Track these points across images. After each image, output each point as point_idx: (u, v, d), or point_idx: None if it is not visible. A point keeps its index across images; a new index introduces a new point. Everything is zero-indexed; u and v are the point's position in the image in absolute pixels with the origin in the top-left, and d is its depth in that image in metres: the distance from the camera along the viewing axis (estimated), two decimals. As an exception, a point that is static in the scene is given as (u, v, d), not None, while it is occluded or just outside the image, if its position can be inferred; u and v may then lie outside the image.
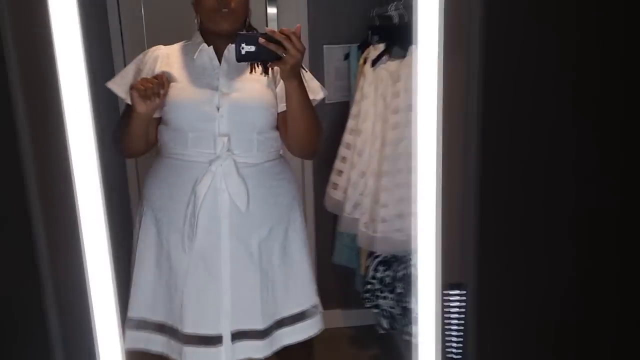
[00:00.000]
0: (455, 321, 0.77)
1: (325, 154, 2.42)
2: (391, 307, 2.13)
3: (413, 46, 1.87)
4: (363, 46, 2.13)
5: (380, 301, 2.11)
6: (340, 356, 2.41)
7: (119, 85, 1.50)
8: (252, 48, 1.28)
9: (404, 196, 1.86)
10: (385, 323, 2.15)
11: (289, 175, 1.59)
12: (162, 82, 1.42)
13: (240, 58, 1.30)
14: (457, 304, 0.76)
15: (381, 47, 1.96)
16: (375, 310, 2.19)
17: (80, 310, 0.83)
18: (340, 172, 2.09)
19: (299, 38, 1.29)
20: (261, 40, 1.27)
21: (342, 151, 2.09)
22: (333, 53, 2.34)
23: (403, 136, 1.83)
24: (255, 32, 1.32)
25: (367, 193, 1.96)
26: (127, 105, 1.48)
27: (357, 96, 2.02)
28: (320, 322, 1.60)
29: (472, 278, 0.77)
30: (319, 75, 2.36)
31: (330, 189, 2.14)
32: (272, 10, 2.34)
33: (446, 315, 0.75)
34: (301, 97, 1.40)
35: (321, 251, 2.54)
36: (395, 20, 1.93)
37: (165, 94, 1.43)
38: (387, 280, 2.10)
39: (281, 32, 1.28)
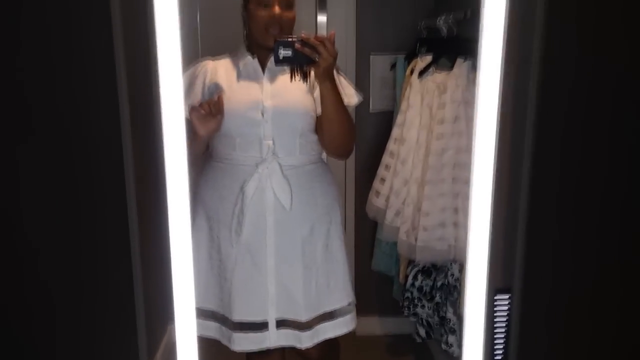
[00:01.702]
0: (501, 324, 0.80)
1: (367, 162, 2.47)
2: (429, 317, 2.14)
3: (459, 59, 1.89)
4: (410, 57, 2.16)
5: (419, 310, 2.13)
6: (375, 363, 2.44)
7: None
8: (289, 52, 1.40)
9: (446, 205, 1.88)
10: (422, 332, 2.16)
11: (330, 178, 1.69)
12: (220, 104, 1.52)
13: (278, 62, 1.41)
14: (504, 307, 0.79)
15: (428, 58, 1.98)
16: (413, 319, 2.21)
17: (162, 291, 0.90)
18: (382, 180, 2.12)
19: (332, 43, 1.40)
20: (297, 45, 1.38)
21: (386, 159, 2.12)
22: (379, 62, 2.38)
23: (447, 146, 1.85)
24: (291, 38, 1.41)
25: (409, 202, 1.98)
26: (187, 120, 1.55)
27: (403, 106, 2.05)
28: (355, 319, 1.70)
29: (518, 284, 0.80)
30: (364, 84, 2.41)
31: (372, 196, 2.17)
32: (322, 19, 2.40)
33: (495, 319, 0.78)
34: (334, 98, 1.51)
35: (360, 258, 2.58)
36: (444, 32, 1.96)
37: (222, 117, 1.53)
38: (426, 289, 2.12)
39: (315, 38, 1.39)
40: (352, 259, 2.55)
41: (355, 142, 1.96)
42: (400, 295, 2.27)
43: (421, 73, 1.97)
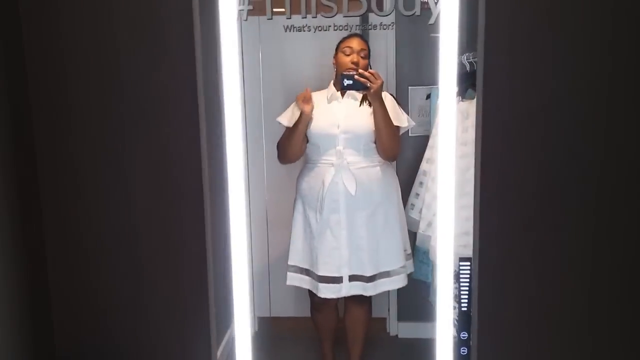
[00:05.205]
0: (466, 285, 1.11)
1: (407, 179, 2.78)
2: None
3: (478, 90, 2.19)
4: (441, 88, 2.48)
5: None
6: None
7: (283, 118, 2.31)
8: (351, 82, 2.11)
9: (469, 216, 2.15)
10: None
11: (389, 176, 2.32)
12: (309, 94, 2.24)
13: (343, 88, 2.14)
14: (465, 272, 1.10)
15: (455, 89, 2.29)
16: (446, 319, 2.47)
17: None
18: (417, 195, 2.43)
19: (378, 75, 2.12)
20: (356, 76, 2.10)
21: (420, 177, 2.44)
22: (417, 93, 2.72)
23: (470, 165, 2.14)
24: (352, 72, 2.13)
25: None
26: (287, 128, 2.29)
27: (434, 131, 2.37)
28: (406, 279, 2.38)
29: (476, 256, 1.12)
30: (404, 112, 2.73)
31: (408, 209, 2.48)
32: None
33: (460, 281, 1.10)
34: (382, 114, 2.18)
35: (402, 267, 2.86)
36: (467, 67, 2.27)
37: (310, 107, 2.23)
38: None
39: (367, 71, 2.12)
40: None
41: (397, 162, 2.45)
42: (435, 298, 2.53)
43: (448, 102, 2.28)
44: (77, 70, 1.48)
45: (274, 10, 1.49)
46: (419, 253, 2.68)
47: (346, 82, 2.10)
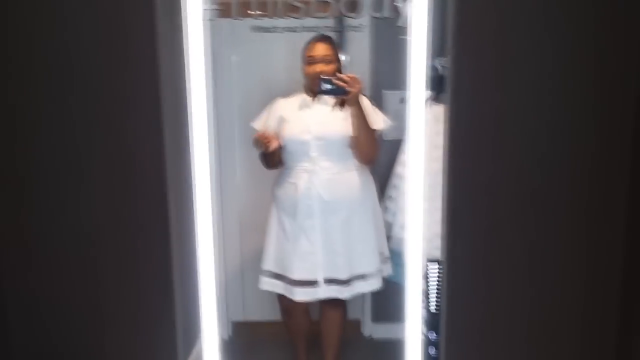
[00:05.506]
0: (434, 286, 1.12)
1: (382, 183, 2.79)
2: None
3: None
4: (415, 92, 2.50)
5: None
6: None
7: (258, 123, 2.33)
8: (329, 86, 2.05)
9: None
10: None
11: (364, 181, 2.31)
12: (269, 138, 2.21)
13: (321, 92, 2.11)
14: (435, 274, 1.11)
15: (428, 93, 2.31)
16: (419, 321, 2.48)
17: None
18: (390, 198, 2.44)
19: (358, 79, 2.10)
20: (334, 80, 2.06)
21: (394, 180, 2.45)
22: (391, 97, 2.73)
23: (441, 168, 2.16)
24: (330, 76, 2.08)
25: (412, 216, 2.29)
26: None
27: (407, 134, 2.38)
28: (381, 282, 2.38)
29: (445, 256, 1.13)
30: (378, 116, 2.74)
31: (382, 212, 2.49)
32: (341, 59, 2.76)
33: (428, 282, 1.11)
34: (360, 119, 2.16)
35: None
36: (440, 71, 2.29)
37: (275, 143, 2.22)
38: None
39: (346, 75, 2.09)
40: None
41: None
42: (408, 300, 2.55)
43: (421, 106, 2.30)
44: (35, 69, 1.46)
45: (250, 12, 1.48)
46: (393, 256, 2.69)
47: (324, 86, 2.06)
